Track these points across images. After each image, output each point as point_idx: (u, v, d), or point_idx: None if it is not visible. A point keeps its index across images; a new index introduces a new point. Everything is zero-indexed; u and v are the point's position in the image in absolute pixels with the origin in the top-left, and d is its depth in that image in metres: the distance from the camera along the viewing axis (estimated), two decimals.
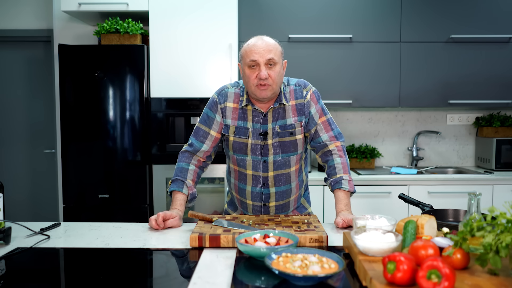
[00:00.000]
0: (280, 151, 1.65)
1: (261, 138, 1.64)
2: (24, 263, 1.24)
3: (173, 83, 2.89)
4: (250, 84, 1.57)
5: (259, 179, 1.68)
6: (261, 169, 1.67)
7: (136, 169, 2.88)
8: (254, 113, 1.65)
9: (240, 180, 1.72)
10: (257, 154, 1.66)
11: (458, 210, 1.56)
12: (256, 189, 1.70)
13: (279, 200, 1.72)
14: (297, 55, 3.11)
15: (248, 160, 1.67)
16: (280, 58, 1.59)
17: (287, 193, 1.73)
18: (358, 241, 1.10)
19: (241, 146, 1.66)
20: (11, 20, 3.53)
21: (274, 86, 1.57)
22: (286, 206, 1.76)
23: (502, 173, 3.08)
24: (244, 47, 1.60)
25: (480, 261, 0.96)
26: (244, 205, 1.76)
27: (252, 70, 1.56)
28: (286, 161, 1.67)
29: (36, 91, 3.64)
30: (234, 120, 1.66)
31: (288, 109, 1.65)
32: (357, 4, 3.12)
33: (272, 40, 1.59)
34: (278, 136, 1.64)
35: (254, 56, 1.54)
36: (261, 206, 1.73)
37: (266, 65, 1.55)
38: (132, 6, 2.92)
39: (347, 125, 3.54)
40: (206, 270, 1.13)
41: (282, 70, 1.61)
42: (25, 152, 3.67)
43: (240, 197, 1.76)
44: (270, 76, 1.55)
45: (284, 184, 1.70)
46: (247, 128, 1.65)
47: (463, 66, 3.15)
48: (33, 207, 3.70)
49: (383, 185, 2.94)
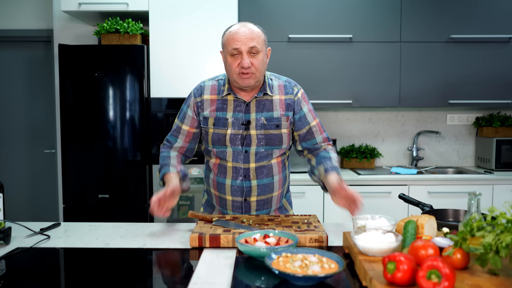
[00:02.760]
0: (265, 143, 1.61)
1: (243, 127, 1.59)
2: (24, 263, 1.24)
3: (173, 83, 2.89)
4: (232, 73, 1.53)
5: (239, 171, 1.62)
6: (242, 160, 1.61)
7: (136, 169, 2.88)
8: (235, 102, 1.60)
9: (220, 174, 1.65)
10: (237, 145, 1.60)
11: (458, 210, 1.56)
12: (236, 182, 1.63)
13: (261, 194, 1.65)
14: (297, 55, 3.11)
15: (228, 152, 1.61)
16: (264, 46, 1.55)
17: (270, 187, 1.66)
18: (358, 241, 1.10)
19: (219, 137, 1.61)
20: (11, 20, 3.53)
21: (257, 74, 1.53)
22: (268, 203, 1.68)
23: (502, 173, 3.08)
24: (226, 35, 1.55)
25: (480, 261, 0.96)
26: (223, 202, 1.68)
27: (234, 58, 1.52)
28: (268, 153, 1.62)
29: (36, 91, 3.64)
30: (212, 112, 1.62)
31: (276, 103, 1.61)
32: (357, 4, 3.12)
33: (255, 27, 1.55)
34: (264, 128, 1.60)
35: (236, 44, 1.50)
36: (241, 202, 1.65)
37: (248, 53, 1.50)
38: (132, 6, 2.92)
39: (347, 125, 3.54)
40: (206, 270, 1.13)
41: (265, 58, 1.57)
42: (25, 152, 3.67)
43: (219, 193, 1.68)
44: (253, 65, 1.51)
45: (266, 176, 1.64)
46: (226, 119, 1.60)
47: (463, 66, 3.15)
48: (33, 207, 3.70)
49: (383, 185, 2.94)
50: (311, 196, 2.93)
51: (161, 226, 1.59)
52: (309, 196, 2.93)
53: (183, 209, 3.09)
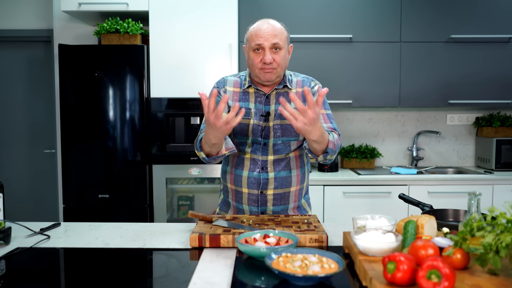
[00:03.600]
0: (281, 134, 1.62)
1: (263, 119, 1.62)
2: (24, 263, 1.24)
3: (173, 83, 2.89)
4: (254, 67, 1.58)
5: (257, 162, 1.63)
6: (261, 152, 1.63)
7: (136, 169, 2.88)
8: (256, 94, 1.65)
9: (237, 166, 1.66)
10: (258, 136, 1.63)
11: (458, 210, 1.56)
12: (253, 174, 1.63)
13: (278, 187, 1.64)
14: (297, 55, 3.11)
15: (248, 143, 1.64)
16: (286, 43, 1.58)
17: (287, 180, 1.66)
18: (358, 241, 1.10)
19: (242, 127, 1.63)
20: (11, 20, 3.53)
21: (278, 69, 1.57)
22: (285, 198, 1.67)
23: (502, 173, 3.08)
24: (250, 30, 1.59)
25: (480, 261, 0.96)
26: (239, 196, 1.67)
27: (257, 54, 1.56)
28: (286, 145, 1.64)
29: (36, 91, 3.64)
30: (235, 102, 1.64)
31: (294, 96, 1.59)
32: (357, 4, 3.12)
33: (278, 24, 1.58)
34: (280, 118, 1.62)
35: (259, 40, 1.54)
36: (257, 195, 1.64)
37: (271, 49, 1.54)
38: (132, 6, 2.92)
39: (347, 125, 3.54)
40: (206, 270, 1.13)
41: (287, 55, 1.61)
42: (25, 152, 3.67)
43: (235, 186, 1.68)
44: (275, 60, 1.55)
45: (284, 169, 1.64)
46: (249, 109, 1.63)
47: (463, 66, 3.15)
48: (33, 207, 3.70)
49: (383, 185, 2.94)
50: (311, 196, 2.92)
51: (161, 226, 1.59)
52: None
53: (183, 209, 3.09)
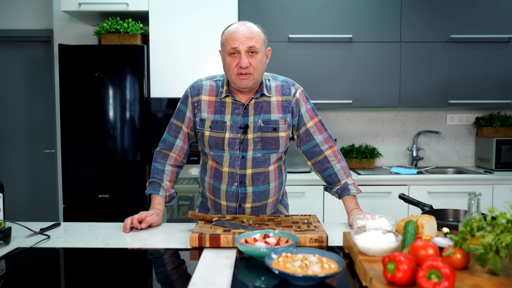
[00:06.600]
0: (261, 147, 1.57)
1: (241, 131, 1.55)
2: (24, 263, 1.24)
3: (173, 83, 2.89)
4: (230, 73, 1.50)
5: (235, 177, 1.58)
6: (239, 166, 1.57)
7: (136, 169, 2.88)
8: (234, 105, 1.56)
9: (215, 178, 1.62)
10: (235, 149, 1.56)
11: (458, 210, 1.56)
12: (231, 188, 1.60)
13: (256, 201, 1.62)
14: (297, 55, 3.12)
15: (225, 156, 1.57)
16: (263, 46, 1.51)
17: (265, 194, 1.63)
18: (358, 241, 1.10)
19: (217, 141, 1.56)
20: (11, 20, 3.53)
21: (255, 75, 1.50)
22: (263, 209, 1.66)
23: (502, 173, 3.08)
24: (225, 33, 1.52)
25: (480, 261, 0.96)
26: (218, 207, 1.66)
27: (233, 58, 1.49)
28: (265, 158, 1.59)
29: (36, 91, 3.64)
30: (210, 114, 1.57)
31: (273, 105, 1.57)
32: (357, 4, 3.12)
33: (254, 26, 1.52)
34: (260, 131, 1.56)
35: (234, 43, 1.47)
36: (236, 208, 1.62)
37: (247, 53, 1.47)
38: (132, 6, 2.92)
39: (347, 125, 3.54)
40: (206, 270, 1.13)
41: (264, 59, 1.54)
42: (25, 152, 3.67)
43: (214, 197, 1.65)
44: (251, 65, 1.48)
45: (262, 183, 1.61)
46: (224, 122, 1.55)
47: (463, 66, 3.15)
48: (33, 207, 3.70)
49: (383, 185, 2.94)
50: (311, 196, 2.93)
51: (161, 226, 1.59)
52: (309, 196, 2.93)
53: (183, 209, 3.09)
